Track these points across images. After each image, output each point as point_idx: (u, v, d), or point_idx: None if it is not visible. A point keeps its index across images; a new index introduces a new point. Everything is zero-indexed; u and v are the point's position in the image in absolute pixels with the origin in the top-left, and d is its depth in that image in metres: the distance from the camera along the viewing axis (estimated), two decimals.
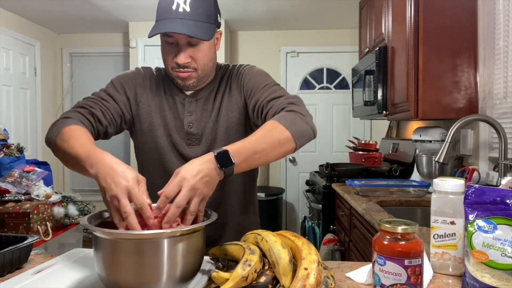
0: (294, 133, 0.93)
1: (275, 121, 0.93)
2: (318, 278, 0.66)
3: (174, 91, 1.16)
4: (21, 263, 0.92)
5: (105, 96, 1.11)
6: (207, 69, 1.10)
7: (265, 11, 3.82)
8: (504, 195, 0.72)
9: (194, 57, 1.06)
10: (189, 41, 1.04)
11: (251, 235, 0.82)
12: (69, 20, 4.13)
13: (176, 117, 1.14)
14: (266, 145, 0.89)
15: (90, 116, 1.05)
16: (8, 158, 2.39)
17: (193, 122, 1.13)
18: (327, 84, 4.55)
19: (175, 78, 1.10)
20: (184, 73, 1.07)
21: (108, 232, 0.69)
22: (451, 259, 0.84)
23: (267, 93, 1.06)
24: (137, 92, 1.15)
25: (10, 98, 3.84)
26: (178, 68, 1.06)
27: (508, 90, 1.79)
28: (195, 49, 1.05)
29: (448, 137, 1.59)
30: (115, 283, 0.69)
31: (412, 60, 2.02)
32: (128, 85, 1.14)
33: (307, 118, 0.98)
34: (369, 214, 1.67)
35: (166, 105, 1.15)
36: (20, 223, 1.89)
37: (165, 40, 1.06)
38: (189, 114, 1.13)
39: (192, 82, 1.10)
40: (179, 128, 1.13)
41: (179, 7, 1.01)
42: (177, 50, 1.05)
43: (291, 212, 4.56)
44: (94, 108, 1.06)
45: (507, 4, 1.80)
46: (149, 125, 1.14)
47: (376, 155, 3.08)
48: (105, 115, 1.08)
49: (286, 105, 1.00)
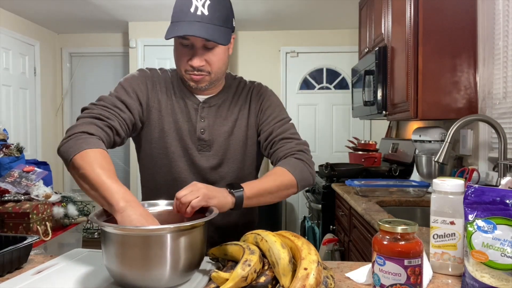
0: (299, 181, 1.06)
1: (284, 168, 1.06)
2: (318, 278, 0.66)
3: (185, 94, 1.14)
4: (20, 263, 0.92)
5: (119, 104, 1.06)
6: (220, 73, 1.11)
7: (265, 11, 3.82)
8: (504, 195, 0.72)
9: (208, 60, 1.06)
10: (205, 45, 1.04)
11: (251, 235, 0.82)
12: (68, 20, 4.13)
13: (188, 121, 1.13)
14: (275, 188, 1.02)
15: (109, 129, 1.01)
16: (8, 158, 2.39)
17: (205, 128, 1.12)
18: (326, 84, 4.55)
19: (188, 80, 1.09)
20: (198, 76, 1.07)
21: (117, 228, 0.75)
22: (450, 259, 0.84)
23: (282, 129, 1.15)
24: (149, 97, 1.12)
25: (10, 98, 3.84)
26: (192, 70, 1.06)
27: (508, 90, 1.80)
28: (210, 52, 1.05)
29: (448, 137, 1.59)
30: (123, 275, 0.75)
31: (411, 60, 2.02)
32: (141, 90, 1.11)
33: (311, 168, 1.11)
34: (368, 214, 1.67)
35: (177, 108, 1.13)
36: (20, 223, 1.89)
37: (180, 42, 1.05)
38: (201, 120, 1.13)
39: (205, 85, 1.10)
40: (192, 133, 1.12)
41: (197, 10, 1.00)
42: (192, 52, 1.05)
43: (290, 212, 4.56)
44: (112, 119, 1.02)
45: (507, 4, 1.80)
46: (160, 131, 1.12)
47: (376, 155, 3.08)
48: (122, 126, 1.05)
49: (296, 152, 1.11)
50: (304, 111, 4.54)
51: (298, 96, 4.55)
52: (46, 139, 4.37)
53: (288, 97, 4.54)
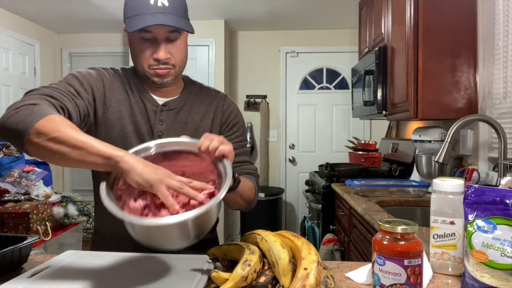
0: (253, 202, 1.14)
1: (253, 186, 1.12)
2: (318, 278, 0.66)
3: (143, 95, 1.10)
4: (20, 263, 0.92)
5: (72, 90, 0.98)
6: (182, 66, 1.09)
7: (265, 11, 3.82)
8: (504, 195, 0.72)
9: (172, 53, 1.04)
10: (167, 37, 1.02)
11: (251, 235, 0.82)
12: (68, 20, 4.13)
13: (146, 123, 1.09)
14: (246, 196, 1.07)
15: (61, 109, 0.91)
16: (8, 158, 2.39)
17: (163, 132, 1.09)
18: (326, 84, 4.55)
19: (152, 76, 1.06)
20: (164, 69, 1.05)
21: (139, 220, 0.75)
22: (450, 259, 0.84)
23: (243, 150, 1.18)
24: (106, 95, 1.06)
25: (10, 98, 3.84)
26: (158, 64, 1.04)
27: (508, 90, 1.80)
28: (173, 45, 1.04)
29: (448, 137, 1.59)
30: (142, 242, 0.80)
31: (411, 60, 2.02)
32: (96, 86, 1.05)
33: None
34: (368, 214, 1.67)
35: (136, 109, 1.08)
36: (20, 223, 1.89)
37: (140, 37, 1.02)
38: (160, 123, 1.09)
39: (170, 79, 1.07)
40: (150, 135, 1.08)
41: (158, 2, 0.99)
42: (155, 46, 1.03)
43: (290, 212, 4.56)
44: (65, 101, 0.93)
45: (507, 4, 1.80)
46: (120, 132, 1.06)
47: (376, 155, 3.08)
48: (75, 110, 0.96)
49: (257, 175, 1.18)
50: (304, 111, 4.54)
51: (298, 96, 4.55)
52: None
53: (288, 97, 4.54)
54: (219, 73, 4.13)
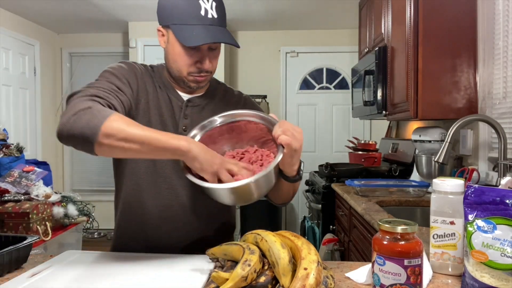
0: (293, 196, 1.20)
1: None
2: (318, 278, 0.66)
3: (169, 91, 1.13)
4: (20, 263, 0.92)
5: (114, 87, 1.00)
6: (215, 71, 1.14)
7: (265, 11, 3.82)
8: (504, 195, 0.72)
9: (212, 61, 1.07)
10: (210, 47, 1.04)
11: (251, 235, 0.82)
12: (68, 20, 4.13)
13: (171, 117, 1.11)
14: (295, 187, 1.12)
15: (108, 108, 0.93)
16: (8, 158, 2.39)
17: (187, 126, 1.11)
18: (326, 84, 4.55)
19: (190, 81, 1.08)
20: (203, 77, 1.07)
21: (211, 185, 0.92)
22: (450, 259, 0.84)
23: None
24: (139, 85, 1.09)
25: (10, 98, 3.84)
26: (199, 72, 1.06)
27: (508, 90, 1.80)
28: (212, 53, 1.06)
29: (448, 137, 1.60)
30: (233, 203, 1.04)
31: (411, 60, 2.02)
32: (131, 78, 1.07)
33: None
34: (368, 214, 1.67)
35: (162, 102, 1.11)
36: (20, 223, 1.89)
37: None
38: (184, 118, 1.12)
39: (204, 84, 1.12)
40: (175, 129, 1.11)
41: (208, 13, 1.00)
42: (199, 55, 1.04)
43: (290, 212, 4.56)
44: (111, 99, 0.96)
45: (507, 4, 1.80)
46: (147, 122, 1.07)
47: (376, 155, 3.08)
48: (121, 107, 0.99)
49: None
50: (304, 111, 4.54)
51: (298, 96, 4.55)
52: (46, 139, 4.37)
53: (288, 97, 4.54)
54: (219, 73, 4.14)
